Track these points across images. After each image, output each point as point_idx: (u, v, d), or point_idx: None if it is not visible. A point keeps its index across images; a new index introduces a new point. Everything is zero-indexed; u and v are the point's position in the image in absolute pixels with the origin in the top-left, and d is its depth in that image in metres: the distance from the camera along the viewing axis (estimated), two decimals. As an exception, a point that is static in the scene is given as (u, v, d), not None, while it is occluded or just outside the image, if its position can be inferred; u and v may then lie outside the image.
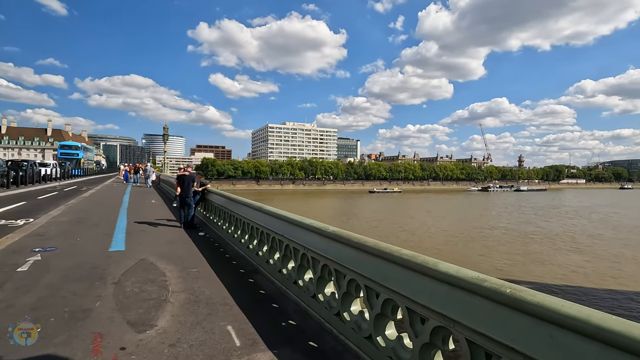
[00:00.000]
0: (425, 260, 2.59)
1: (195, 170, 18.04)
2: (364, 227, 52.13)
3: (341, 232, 3.71)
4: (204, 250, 7.96)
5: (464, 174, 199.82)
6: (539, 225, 56.08)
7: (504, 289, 2.02)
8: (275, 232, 5.40)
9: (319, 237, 4.08)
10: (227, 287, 5.39)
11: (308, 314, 4.26)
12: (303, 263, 4.54)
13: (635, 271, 29.31)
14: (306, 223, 4.45)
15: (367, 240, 3.27)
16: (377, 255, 3.08)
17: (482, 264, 30.72)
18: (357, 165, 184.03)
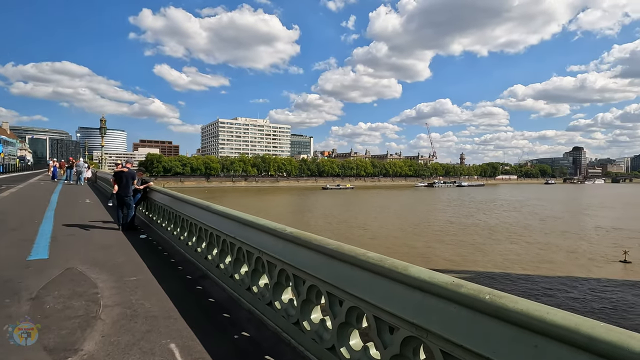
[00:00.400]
0: (394, 265, 2.37)
1: (139, 166, 16.61)
2: (320, 224, 52.41)
3: (300, 234, 3.40)
4: (145, 255, 7.18)
5: (412, 171, 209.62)
6: (479, 217, 60.50)
7: (483, 295, 1.84)
8: (226, 234, 4.94)
9: (275, 239, 3.73)
10: (172, 296, 4.81)
11: (263, 324, 3.90)
12: (257, 267, 4.15)
13: (560, 258, 32.68)
14: (260, 224, 4.07)
15: (328, 243, 2.99)
16: (340, 259, 2.81)
17: (430, 255, 32.30)
18: (310, 162, 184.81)
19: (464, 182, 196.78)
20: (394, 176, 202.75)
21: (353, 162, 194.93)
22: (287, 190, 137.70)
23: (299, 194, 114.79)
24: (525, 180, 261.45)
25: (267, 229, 3.88)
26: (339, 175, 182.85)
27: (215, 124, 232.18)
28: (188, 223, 6.94)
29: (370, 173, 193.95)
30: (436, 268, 28.33)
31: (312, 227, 47.57)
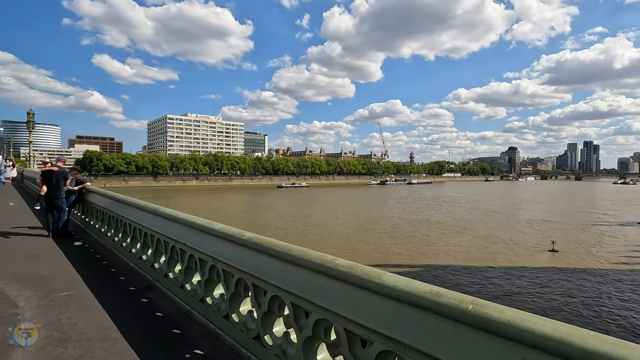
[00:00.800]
0: (366, 272, 2.18)
1: (76, 164, 15.02)
2: (278, 223, 51.74)
3: (260, 239, 3.10)
4: (80, 265, 6.36)
5: (365, 169, 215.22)
6: (429, 213, 63.74)
7: (465, 305, 1.71)
8: (175, 240, 4.46)
9: (232, 245, 3.39)
10: (111, 313, 4.24)
11: (220, 339, 3.53)
12: (212, 277, 3.77)
13: (500, 249, 35.36)
14: (215, 229, 3.70)
15: (292, 249, 2.74)
16: (305, 267, 2.57)
17: (385, 250, 33.30)
18: (265, 160, 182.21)
19: (414, 180, 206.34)
20: (348, 174, 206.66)
21: (308, 160, 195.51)
22: (241, 189, 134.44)
23: (254, 193, 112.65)
24: (468, 178, 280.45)
25: (223, 234, 3.53)
26: (294, 173, 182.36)
27: (163, 119, 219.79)
28: (131, 228, 6.27)
29: (325, 171, 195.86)
30: (391, 263, 29.26)
31: (270, 226, 46.80)
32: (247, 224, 46.40)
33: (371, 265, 9.31)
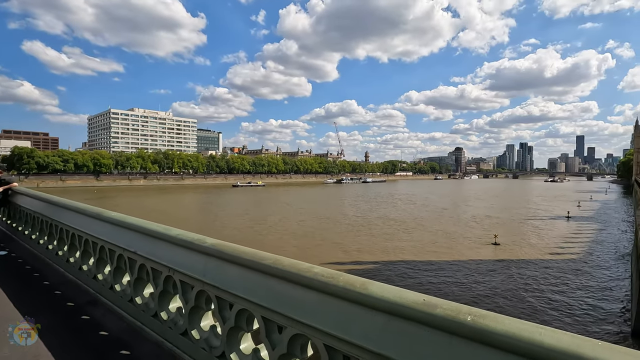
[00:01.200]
0: (349, 282, 1.98)
1: (3, 162, 13.21)
2: (234, 223, 50.24)
3: (224, 246, 2.78)
4: (4, 279, 5.49)
5: (322, 168, 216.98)
6: (383, 210, 65.75)
7: (463, 317, 1.57)
8: (123, 248, 3.95)
9: (192, 253, 3.02)
10: (43, 335, 3.63)
11: (177, 359, 3.15)
12: (168, 289, 3.36)
13: (449, 243, 37.35)
14: (171, 234, 3.29)
15: (263, 257, 2.47)
16: (278, 277, 2.32)
17: (344, 247, 33.69)
18: (219, 158, 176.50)
19: (369, 179, 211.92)
20: (304, 173, 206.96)
21: (264, 159, 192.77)
22: (193, 188, 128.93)
23: (208, 193, 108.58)
24: (419, 177, 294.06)
25: (181, 240, 3.14)
26: (250, 172, 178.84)
27: (106, 114, 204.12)
28: (69, 234, 5.53)
29: (282, 170, 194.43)
30: (349, 261, 29.60)
31: (227, 227, 45.29)
32: (200, 227, 44.51)
33: (331, 264, 9.22)
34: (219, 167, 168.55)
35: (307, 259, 16.99)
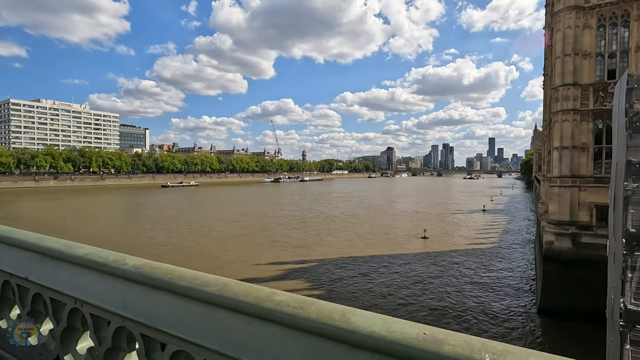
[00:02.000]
0: (325, 313, 1.53)
1: None
2: (158, 235, 46.56)
3: (153, 268, 2.14)
4: None
5: (259, 167, 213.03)
6: (320, 208, 66.50)
7: (480, 356, 1.23)
8: (10, 274, 3.00)
9: (108, 278, 2.31)
10: None
11: (87, 417, 2.40)
12: (74, 325, 2.56)
13: (381, 239, 38.99)
14: (78, 254, 2.51)
15: (207, 281, 1.90)
16: (228, 308, 1.78)
17: (281, 246, 33.12)
18: (146, 156, 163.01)
19: (306, 177, 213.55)
20: (241, 172, 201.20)
21: (197, 157, 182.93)
22: (116, 189, 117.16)
23: (132, 194, 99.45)
24: (354, 175, 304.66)
25: (91, 262, 2.39)
26: (182, 171, 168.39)
27: (4, 105, 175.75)
28: None
29: (217, 169, 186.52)
30: (286, 260, 29.08)
31: (149, 239, 41.70)
32: (118, 240, 40.61)
33: (270, 264, 8.53)
34: (145, 166, 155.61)
35: (246, 259, 16.27)
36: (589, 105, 20.08)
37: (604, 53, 19.98)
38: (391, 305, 20.58)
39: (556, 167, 20.86)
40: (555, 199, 20.93)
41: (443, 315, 19.26)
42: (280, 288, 7.75)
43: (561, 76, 20.49)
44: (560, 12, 20.44)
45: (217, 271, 18.90)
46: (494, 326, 18.16)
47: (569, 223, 20.33)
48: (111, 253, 2.44)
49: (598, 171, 20.13)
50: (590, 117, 20.11)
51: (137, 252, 28.35)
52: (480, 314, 19.62)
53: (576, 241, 20.13)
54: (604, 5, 19.69)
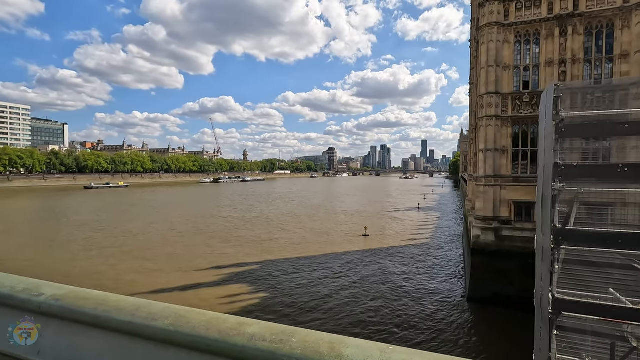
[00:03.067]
0: (309, 344, 1.29)
1: None
2: (81, 237, 41.98)
3: (77, 299, 1.70)
4: None
5: (197, 166, 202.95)
6: (262, 209, 65.31)
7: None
8: None
9: (12, 314, 1.82)
10: None
11: None
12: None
13: (325, 239, 39.49)
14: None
15: (153, 313, 1.53)
16: (184, 346, 1.45)
17: (217, 252, 31.69)
18: (65, 155, 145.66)
19: (248, 178, 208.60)
20: (177, 172, 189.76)
21: (127, 156, 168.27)
22: (26, 192, 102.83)
23: (46, 197, 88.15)
24: (296, 175, 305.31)
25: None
26: (109, 171, 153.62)
27: None
28: None
29: (150, 169, 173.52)
30: (228, 264, 27.98)
31: (71, 245, 37.42)
32: (13, 256, 35.98)
33: (210, 269, 7.96)
34: (64, 165, 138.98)
35: (183, 265, 15.14)
36: (508, 112, 22.36)
37: (520, 66, 22.39)
38: (334, 303, 20.85)
39: (482, 167, 22.90)
40: (481, 196, 22.96)
41: (382, 309, 20.02)
42: (218, 295, 7.33)
43: (485, 85, 22.52)
44: (484, 27, 22.46)
45: (144, 282, 17.34)
46: (428, 316, 19.34)
47: (492, 218, 22.43)
48: (19, 279, 1.95)
49: (515, 171, 22.52)
50: (509, 123, 22.40)
51: (46, 273, 25.12)
52: (416, 305, 20.79)
53: (498, 234, 22.30)
54: (520, 24, 22.08)
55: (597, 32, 20.93)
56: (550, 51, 21.55)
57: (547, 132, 4.42)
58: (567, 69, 21.16)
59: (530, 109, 22.01)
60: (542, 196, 4.54)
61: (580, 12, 20.86)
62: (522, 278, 21.15)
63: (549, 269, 4.25)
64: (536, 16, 21.87)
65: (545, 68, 21.66)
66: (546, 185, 4.27)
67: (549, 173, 4.19)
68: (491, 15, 22.33)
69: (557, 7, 21.32)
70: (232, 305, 20.08)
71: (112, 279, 23.95)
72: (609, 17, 20.52)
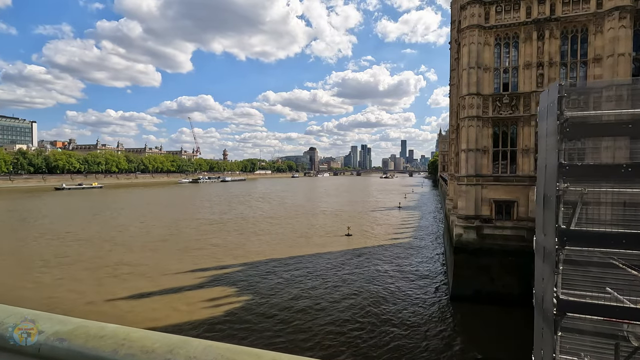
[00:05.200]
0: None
1: None
2: (45, 245, 40.13)
3: (91, 337, 1.36)
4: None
5: (175, 166, 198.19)
6: (243, 210, 64.37)
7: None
8: None
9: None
10: None
11: None
12: None
13: (308, 239, 39.24)
14: None
15: (231, 355, 1.18)
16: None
17: (200, 253, 30.94)
18: (33, 154, 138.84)
19: (228, 178, 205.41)
20: (154, 172, 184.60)
21: (101, 155, 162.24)
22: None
23: (11, 199, 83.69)
24: (277, 175, 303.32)
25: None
26: (81, 171, 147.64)
27: None
28: None
29: (125, 169, 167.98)
30: (212, 266, 27.31)
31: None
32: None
33: (193, 271, 7.59)
34: (33, 165, 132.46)
35: (166, 267, 14.49)
36: (489, 113, 22.84)
37: (500, 68, 22.92)
38: (321, 304, 20.66)
39: (464, 167, 23.28)
40: (463, 196, 23.34)
41: (365, 309, 19.99)
42: (196, 302, 6.90)
43: (467, 86, 22.91)
44: (466, 29, 22.85)
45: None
46: (412, 314, 19.46)
47: (474, 217, 22.84)
48: (7, 309, 1.53)
49: (496, 171, 23.03)
50: (489, 124, 22.88)
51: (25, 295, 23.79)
52: (401, 304, 20.89)
53: (479, 233, 22.74)
54: (500, 27, 22.59)
55: (573, 36, 21.67)
56: (528, 54, 22.15)
57: (549, 131, 4.35)
58: (545, 71, 21.81)
59: (510, 110, 22.58)
60: (544, 196, 4.46)
61: (557, 17, 21.54)
62: (502, 274, 21.72)
63: (552, 269, 4.18)
64: (515, 20, 22.42)
65: (524, 70, 22.26)
66: (549, 186, 4.20)
67: (553, 173, 4.12)
68: (472, 17, 22.73)
69: (535, 12, 21.93)
70: (216, 309, 19.57)
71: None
72: (584, 22, 21.28)
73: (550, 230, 4.45)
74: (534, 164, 22.43)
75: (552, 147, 4.34)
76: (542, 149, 4.94)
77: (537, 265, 5.32)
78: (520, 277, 20.79)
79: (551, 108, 4.40)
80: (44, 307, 19.22)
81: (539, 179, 5.15)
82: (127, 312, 18.90)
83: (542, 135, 4.98)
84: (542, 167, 4.79)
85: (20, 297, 20.72)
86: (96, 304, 20.11)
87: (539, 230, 5.09)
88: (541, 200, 4.80)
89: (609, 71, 20.26)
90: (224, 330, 16.88)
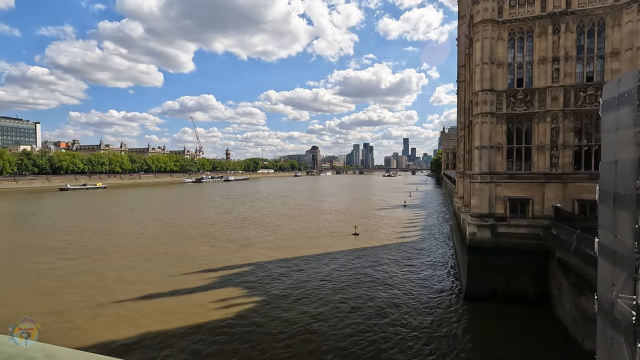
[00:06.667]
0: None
1: None
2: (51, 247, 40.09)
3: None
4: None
5: (178, 166, 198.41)
6: (251, 209, 64.12)
7: None
8: None
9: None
10: None
11: None
12: None
13: (316, 239, 38.87)
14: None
15: None
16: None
17: (203, 255, 30.70)
18: (37, 155, 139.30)
19: (231, 177, 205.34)
20: (157, 172, 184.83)
21: (105, 156, 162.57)
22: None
23: (15, 200, 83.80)
24: (280, 174, 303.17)
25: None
26: (85, 172, 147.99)
27: None
28: None
29: (129, 169, 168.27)
30: (219, 267, 27.02)
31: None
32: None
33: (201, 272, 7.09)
34: (37, 166, 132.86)
35: (171, 267, 14.04)
36: (503, 109, 22.36)
37: (514, 63, 22.43)
38: (335, 301, 20.33)
39: (477, 164, 22.83)
40: (477, 194, 22.90)
41: (381, 308, 19.63)
42: (215, 297, 6.34)
43: (480, 82, 22.43)
44: (479, 24, 22.37)
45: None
46: (428, 315, 19.09)
47: (488, 215, 22.40)
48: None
49: (510, 168, 22.58)
50: (503, 120, 22.41)
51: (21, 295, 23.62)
52: (415, 304, 20.51)
53: (494, 231, 22.29)
54: (514, 21, 22.11)
55: (589, 30, 21.16)
56: (543, 49, 21.67)
57: (621, 124, 3.97)
58: (560, 66, 21.32)
59: (525, 106, 22.10)
60: (615, 195, 4.09)
61: (573, 10, 21.03)
62: (517, 274, 21.30)
63: (631, 275, 3.81)
64: (529, 14, 21.94)
65: (539, 65, 21.78)
66: (625, 183, 3.82)
67: (628, 169, 3.74)
68: (485, 12, 22.26)
69: (550, 5, 21.42)
70: (227, 310, 19.30)
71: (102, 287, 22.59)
72: (600, 16, 20.77)
73: (627, 232, 4.06)
74: (550, 161, 21.97)
75: (627, 141, 3.95)
76: (610, 144, 4.52)
77: (602, 268, 4.90)
78: (535, 277, 20.38)
79: (625, 98, 4.02)
80: (51, 309, 19.01)
81: (604, 176, 4.74)
82: (139, 313, 18.64)
83: (609, 129, 4.58)
84: (610, 162, 4.39)
85: (32, 302, 20.56)
86: (106, 306, 19.88)
87: (606, 232, 4.68)
88: (610, 199, 4.39)
89: (628, 65, 19.77)
90: (236, 334, 16.59)
